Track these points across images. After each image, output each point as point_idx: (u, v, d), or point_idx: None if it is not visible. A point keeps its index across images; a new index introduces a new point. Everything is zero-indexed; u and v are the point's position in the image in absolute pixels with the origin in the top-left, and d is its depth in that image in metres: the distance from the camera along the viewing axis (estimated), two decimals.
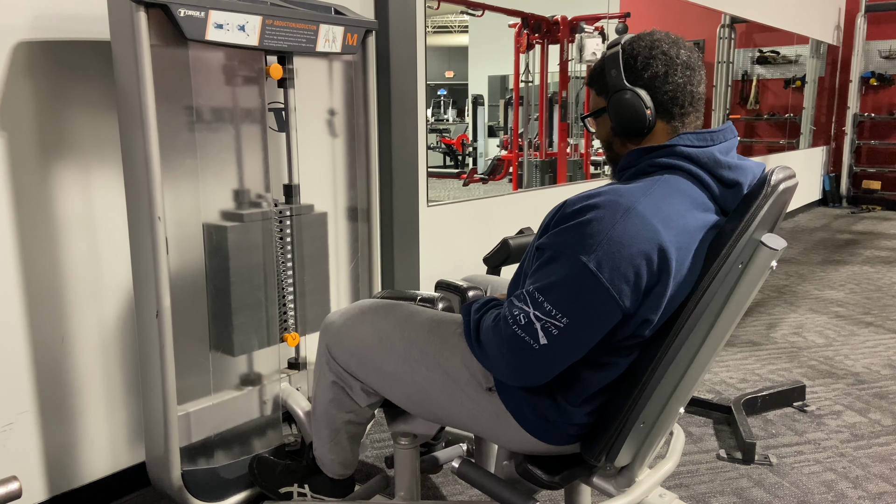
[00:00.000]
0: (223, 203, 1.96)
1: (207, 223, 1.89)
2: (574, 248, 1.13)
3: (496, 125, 9.64)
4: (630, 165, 1.28)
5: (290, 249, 2.02)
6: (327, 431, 1.60)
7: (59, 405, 1.83)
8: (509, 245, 1.94)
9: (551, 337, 1.14)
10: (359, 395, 1.54)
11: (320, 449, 1.64)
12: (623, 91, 1.25)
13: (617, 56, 1.26)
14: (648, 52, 1.25)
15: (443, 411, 1.40)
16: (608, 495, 1.34)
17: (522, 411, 1.28)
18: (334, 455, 1.63)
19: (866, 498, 2.02)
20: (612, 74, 1.27)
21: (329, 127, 2.37)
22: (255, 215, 1.92)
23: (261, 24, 1.73)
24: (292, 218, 2.01)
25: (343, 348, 1.51)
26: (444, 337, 1.38)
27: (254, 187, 2.02)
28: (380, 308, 1.52)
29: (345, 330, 1.51)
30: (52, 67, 1.71)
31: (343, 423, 1.59)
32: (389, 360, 1.43)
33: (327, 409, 1.58)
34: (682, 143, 1.22)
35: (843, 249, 5.79)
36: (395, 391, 1.46)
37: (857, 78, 8.02)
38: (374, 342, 1.46)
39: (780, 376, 2.94)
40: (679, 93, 1.24)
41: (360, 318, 1.51)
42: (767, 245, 1.15)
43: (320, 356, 1.57)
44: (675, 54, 1.25)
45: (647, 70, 1.24)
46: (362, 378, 1.50)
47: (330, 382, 1.55)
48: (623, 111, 1.25)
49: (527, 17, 5.82)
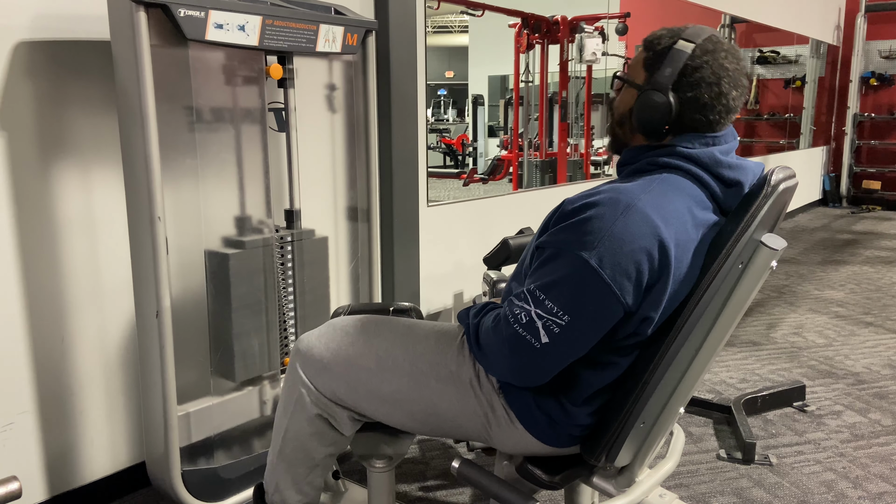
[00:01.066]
0: (224, 229, 1.97)
1: (209, 250, 1.90)
2: (575, 245, 1.13)
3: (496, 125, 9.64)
4: (630, 162, 1.28)
5: (291, 275, 2.02)
6: (302, 470, 1.45)
7: (59, 405, 1.83)
8: (509, 245, 1.94)
9: (553, 335, 1.13)
10: (344, 425, 1.42)
11: (286, 492, 1.46)
12: (664, 94, 1.20)
13: (682, 56, 1.20)
14: (709, 76, 1.20)
15: (450, 423, 1.35)
16: (608, 495, 1.33)
17: (529, 413, 1.27)
18: (302, 496, 1.47)
19: (866, 498, 2.02)
20: (665, 72, 1.21)
21: (329, 127, 2.37)
22: (257, 242, 1.92)
23: (261, 24, 1.73)
24: (293, 244, 2.02)
25: (329, 376, 1.38)
26: (452, 345, 1.34)
27: (255, 210, 2.03)
28: (368, 326, 1.41)
29: (329, 355, 1.38)
30: (52, 67, 1.71)
31: (322, 458, 1.45)
32: (391, 380, 1.34)
33: (305, 444, 1.43)
34: (682, 144, 1.22)
35: (843, 249, 5.79)
36: (394, 412, 1.37)
37: (857, 78, 8.02)
38: (370, 363, 1.35)
39: (780, 376, 2.94)
40: (703, 126, 1.22)
41: (345, 339, 1.39)
42: (767, 245, 1.15)
43: (294, 387, 1.42)
44: (727, 92, 1.21)
45: (694, 91, 1.20)
46: (352, 405, 1.39)
47: (313, 416, 1.41)
48: (649, 110, 1.22)
49: (527, 17, 5.82)
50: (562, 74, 5.98)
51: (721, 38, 1.24)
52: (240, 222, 2.01)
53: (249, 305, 1.91)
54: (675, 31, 1.24)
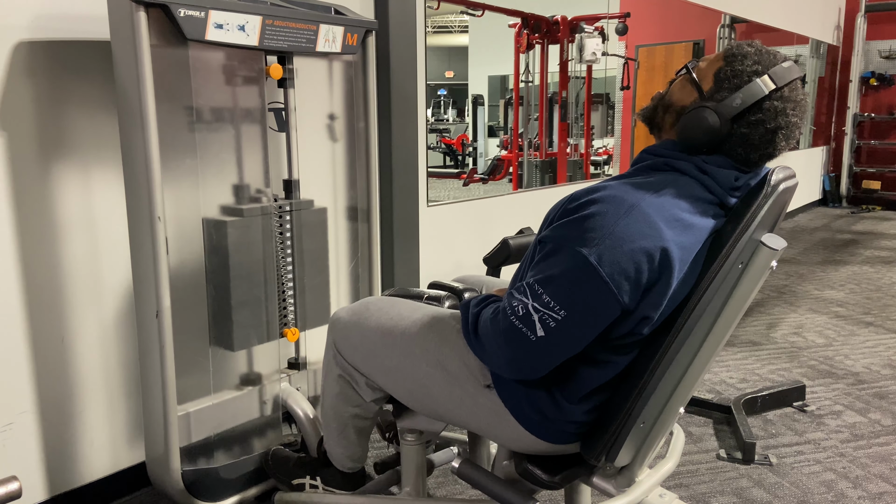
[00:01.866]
0: (223, 198, 1.97)
1: (207, 218, 1.89)
2: (575, 241, 1.13)
3: (496, 125, 9.64)
4: (646, 158, 1.28)
5: (289, 244, 2.02)
6: (335, 425, 1.62)
7: (59, 405, 1.83)
8: (509, 245, 1.94)
9: (548, 329, 1.13)
10: (364, 390, 1.55)
11: (330, 442, 1.67)
12: (721, 120, 1.18)
13: (758, 94, 1.17)
14: (771, 123, 1.18)
15: (443, 408, 1.40)
16: (608, 495, 1.34)
17: (521, 408, 1.28)
18: (342, 448, 1.65)
19: (866, 498, 2.02)
20: (735, 101, 1.17)
21: (329, 127, 2.37)
22: (255, 210, 1.92)
23: (261, 24, 1.73)
24: (292, 213, 2.01)
25: (349, 343, 1.52)
26: (443, 334, 1.38)
27: (253, 183, 2.02)
28: (384, 304, 1.53)
29: (350, 325, 1.53)
30: (52, 67, 1.71)
31: (350, 418, 1.61)
32: (392, 356, 1.44)
33: (335, 402, 1.60)
34: (709, 161, 1.22)
35: (843, 249, 5.79)
36: (397, 387, 1.47)
37: (857, 78, 8.02)
38: (378, 337, 1.47)
39: (780, 376, 2.94)
40: (738, 158, 1.22)
41: (365, 313, 1.53)
42: (767, 245, 1.15)
43: (328, 350, 1.59)
44: (778, 142, 1.21)
45: (750, 129, 1.19)
46: (367, 373, 1.51)
47: (336, 376, 1.57)
48: (698, 128, 1.19)
49: (527, 17, 5.82)
50: (562, 74, 5.98)
51: (799, 87, 1.21)
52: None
53: (248, 275, 1.90)
54: (764, 60, 1.20)
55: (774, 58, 1.20)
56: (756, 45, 1.22)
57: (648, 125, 1.34)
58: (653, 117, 1.32)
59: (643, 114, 1.34)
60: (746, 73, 1.19)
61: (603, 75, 6.77)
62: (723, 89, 1.20)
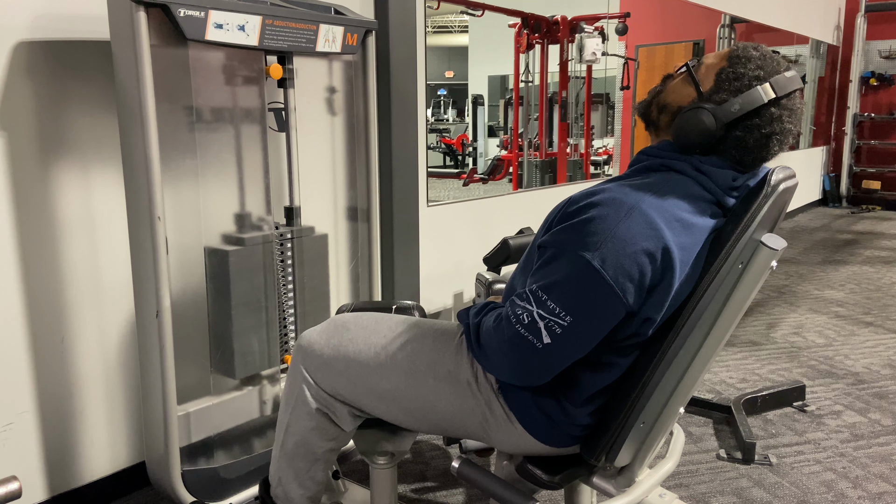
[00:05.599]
0: (224, 226, 1.97)
1: (209, 247, 1.90)
2: (577, 245, 1.12)
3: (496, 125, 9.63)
4: (643, 159, 1.27)
5: (290, 272, 2.02)
6: (303, 464, 1.47)
7: (59, 405, 1.83)
8: (509, 245, 1.94)
9: (555, 335, 1.13)
10: (345, 420, 1.43)
11: (288, 485, 1.48)
12: (718, 124, 1.18)
13: (757, 101, 1.17)
14: (766, 128, 1.18)
15: (448, 422, 1.35)
16: (608, 495, 1.34)
17: (529, 413, 1.27)
18: (304, 490, 1.49)
19: (866, 498, 2.02)
20: (733, 105, 1.17)
21: (329, 127, 2.37)
22: (256, 239, 1.92)
23: (261, 24, 1.73)
24: (293, 241, 2.02)
25: (329, 371, 1.39)
26: (450, 344, 1.34)
27: (255, 208, 2.03)
28: (368, 323, 1.41)
29: (329, 351, 1.40)
30: (52, 67, 1.71)
31: (324, 453, 1.47)
32: (389, 377, 1.35)
33: (306, 439, 1.44)
34: (705, 161, 1.23)
35: (843, 249, 5.79)
36: (392, 408, 1.37)
37: (857, 78, 8.02)
38: (368, 359, 1.36)
39: (780, 376, 2.94)
40: (732, 159, 1.22)
41: (345, 336, 1.40)
42: (767, 245, 1.15)
43: (297, 384, 1.43)
44: (772, 146, 1.20)
45: (745, 133, 1.19)
46: (352, 401, 1.40)
47: (313, 411, 1.42)
48: (693, 130, 1.19)
49: (527, 17, 5.82)
50: (562, 74, 5.98)
51: (798, 97, 1.21)
52: (240, 220, 2.02)
53: (249, 303, 1.91)
54: (767, 66, 1.19)
55: (778, 65, 1.20)
56: (762, 49, 1.22)
57: (645, 122, 1.33)
58: (648, 114, 1.32)
59: (639, 108, 1.34)
60: (748, 78, 1.19)
61: (603, 75, 6.76)
62: (722, 91, 1.20)
